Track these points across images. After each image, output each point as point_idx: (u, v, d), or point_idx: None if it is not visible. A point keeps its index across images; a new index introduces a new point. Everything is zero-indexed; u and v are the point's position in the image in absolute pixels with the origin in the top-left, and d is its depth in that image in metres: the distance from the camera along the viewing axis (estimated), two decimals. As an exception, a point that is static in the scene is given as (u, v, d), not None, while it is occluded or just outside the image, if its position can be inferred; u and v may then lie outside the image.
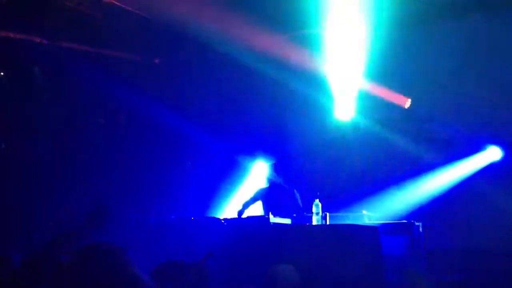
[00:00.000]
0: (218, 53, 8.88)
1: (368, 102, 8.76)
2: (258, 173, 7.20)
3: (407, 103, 8.35)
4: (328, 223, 6.26)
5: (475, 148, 7.88)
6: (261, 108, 9.52)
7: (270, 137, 9.48)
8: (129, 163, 9.04)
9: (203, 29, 7.98)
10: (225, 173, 9.35)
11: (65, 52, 8.37)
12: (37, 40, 8.14)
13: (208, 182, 9.31)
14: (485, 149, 7.85)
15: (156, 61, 9.43)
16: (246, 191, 8.54)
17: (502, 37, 7.77)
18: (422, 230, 6.69)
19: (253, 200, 7.17)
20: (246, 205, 7.05)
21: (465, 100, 7.96)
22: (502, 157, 7.78)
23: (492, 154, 7.82)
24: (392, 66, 8.33)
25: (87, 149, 8.81)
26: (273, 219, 6.13)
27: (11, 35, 7.83)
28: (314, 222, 6.22)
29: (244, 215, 6.92)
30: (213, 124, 9.54)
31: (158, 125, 9.24)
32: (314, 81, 8.88)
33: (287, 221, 6.42)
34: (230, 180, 9.34)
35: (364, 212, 6.97)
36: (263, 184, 7.39)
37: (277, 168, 7.15)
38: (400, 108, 8.39)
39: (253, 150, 9.10)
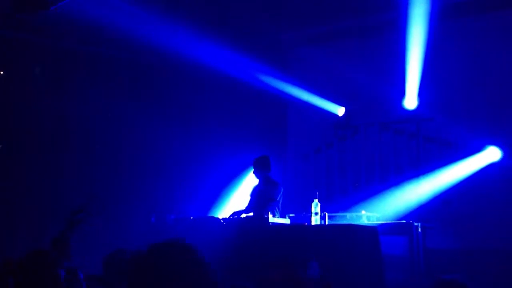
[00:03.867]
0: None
1: (367, 102, 8.75)
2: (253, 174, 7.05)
3: (408, 102, 8.34)
4: (327, 223, 6.27)
5: (474, 148, 7.87)
6: (261, 109, 9.52)
7: (270, 138, 9.46)
8: (127, 165, 9.04)
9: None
10: (224, 174, 9.34)
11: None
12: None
13: (207, 183, 9.30)
14: (485, 149, 7.84)
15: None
16: (245, 191, 8.50)
17: (505, 38, 7.78)
18: (421, 230, 6.71)
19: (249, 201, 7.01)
20: (247, 209, 6.89)
21: (465, 100, 7.97)
22: (501, 158, 7.77)
23: (492, 154, 7.81)
24: (394, 65, 8.33)
25: (83, 149, 8.76)
26: (272, 219, 6.13)
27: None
28: (313, 222, 6.23)
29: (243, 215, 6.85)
30: (212, 122, 9.54)
31: (159, 129, 9.23)
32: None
33: (286, 221, 6.43)
34: (229, 181, 9.33)
35: (363, 212, 6.98)
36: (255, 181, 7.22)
37: (263, 163, 6.96)
38: (400, 108, 8.38)
39: (252, 151, 9.06)
